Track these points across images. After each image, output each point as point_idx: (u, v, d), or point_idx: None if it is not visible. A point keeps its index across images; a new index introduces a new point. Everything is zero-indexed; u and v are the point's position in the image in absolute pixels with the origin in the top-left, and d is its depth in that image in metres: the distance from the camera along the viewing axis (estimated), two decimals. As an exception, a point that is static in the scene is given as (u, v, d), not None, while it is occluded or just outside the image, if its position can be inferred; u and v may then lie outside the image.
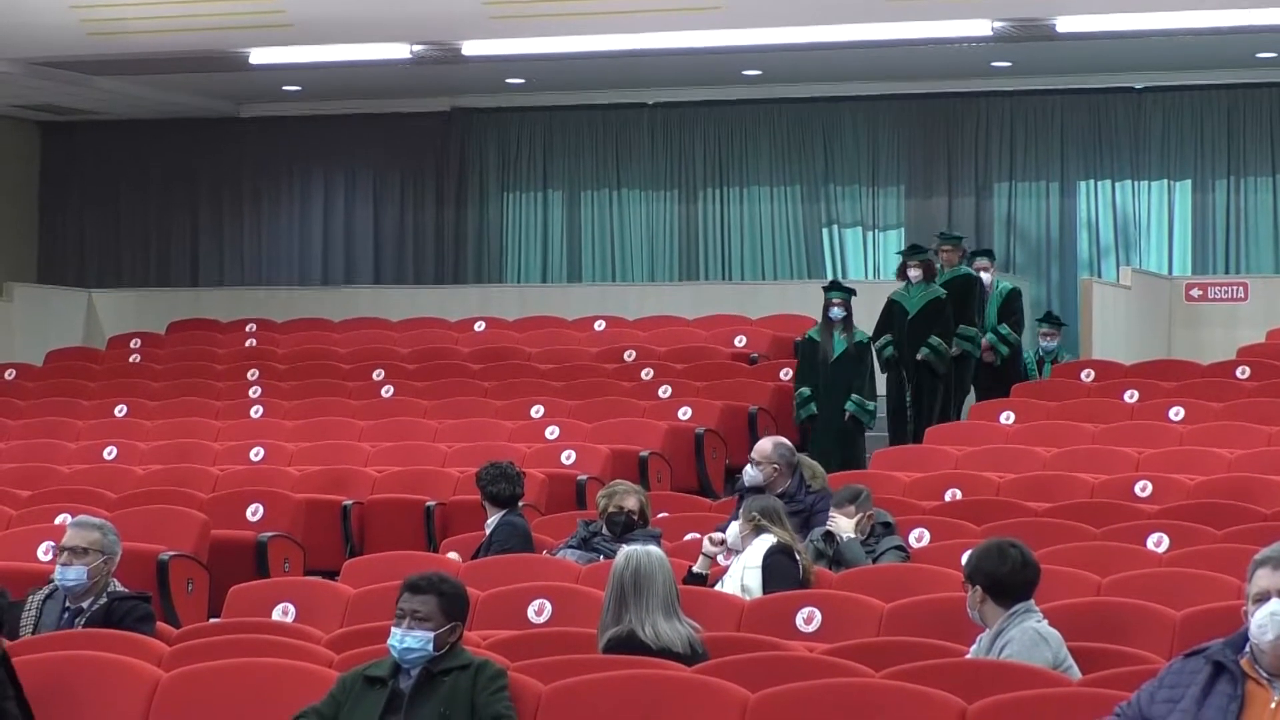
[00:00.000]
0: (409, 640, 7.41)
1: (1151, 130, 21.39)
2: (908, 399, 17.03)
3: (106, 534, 9.22)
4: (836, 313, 16.57)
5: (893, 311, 17.21)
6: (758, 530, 10.52)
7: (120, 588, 9.25)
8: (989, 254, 18.96)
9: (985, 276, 18.40)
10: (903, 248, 18.76)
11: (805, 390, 16.52)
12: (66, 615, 8.79)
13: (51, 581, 9.15)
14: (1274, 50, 19.75)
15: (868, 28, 18.94)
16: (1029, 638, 7.83)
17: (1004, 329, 18.27)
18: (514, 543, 12.03)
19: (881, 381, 17.08)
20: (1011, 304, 18.49)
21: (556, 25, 19.32)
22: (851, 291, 16.75)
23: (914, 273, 17.18)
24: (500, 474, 12.43)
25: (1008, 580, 7.96)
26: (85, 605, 9.05)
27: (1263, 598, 5.72)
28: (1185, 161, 21.33)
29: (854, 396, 16.31)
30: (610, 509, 11.82)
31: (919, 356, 16.93)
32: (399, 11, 19.28)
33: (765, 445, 12.35)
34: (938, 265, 17.54)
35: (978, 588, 7.94)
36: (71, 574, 9.05)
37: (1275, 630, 5.66)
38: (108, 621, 8.85)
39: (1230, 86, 21.03)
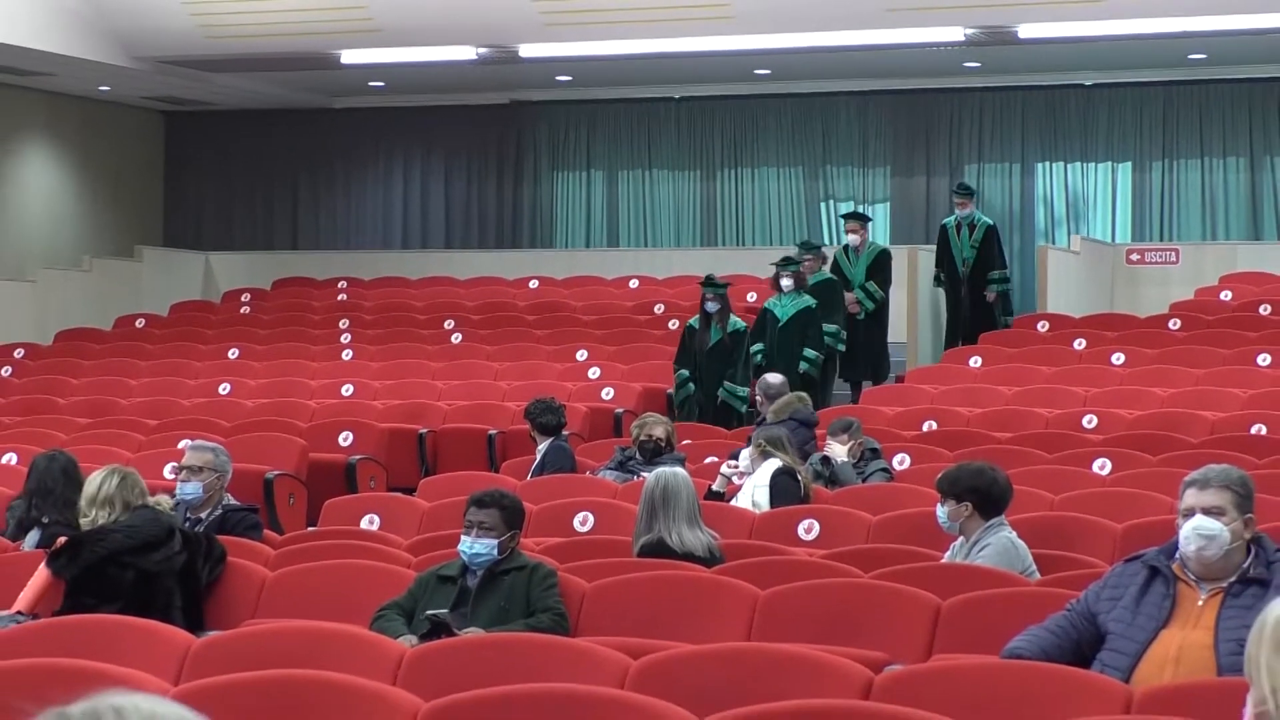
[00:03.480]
0: (477, 547, 7.45)
1: (1098, 120, 21.29)
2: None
3: (218, 455, 9.23)
4: (711, 306, 15.35)
5: (765, 320, 15.95)
6: (764, 455, 10.56)
7: (233, 501, 9.28)
8: (860, 217, 18.14)
9: (854, 239, 17.65)
10: (782, 256, 16.69)
11: (684, 373, 15.30)
12: (188, 525, 8.82)
13: (175, 497, 9.18)
14: (1203, 53, 19.65)
15: (860, 34, 18.89)
16: (1004, 545, 7.84)
17: (871, 285, 17.45)
18: (565, 464, 12.16)
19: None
20: (881, 264, 17.64)
21: (599, 31, 19.31)
22: (725, 286, 15.64)
23: (786, 282, 15.83)
24: (547, 407, 12.51)
25: (997, 498, 7.98)
26: (204, 516, 9.07)
27: (1189, 513, 5.73)
28: (1127, 146, 21.23)
29: (726, 384, 15.14)
30: (642, 437, 11.88)
31: (800, 370, 15.49)
32: (467, 19, 19.28)
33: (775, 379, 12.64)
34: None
35: (967, 503, 7.92)
36: (189, 489, 9.09)
37: (1197, 542, 5.67)
38: (222, 529, 8.87)
39: (1165, 83, 20.92)
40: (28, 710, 2.04)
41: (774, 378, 13.30)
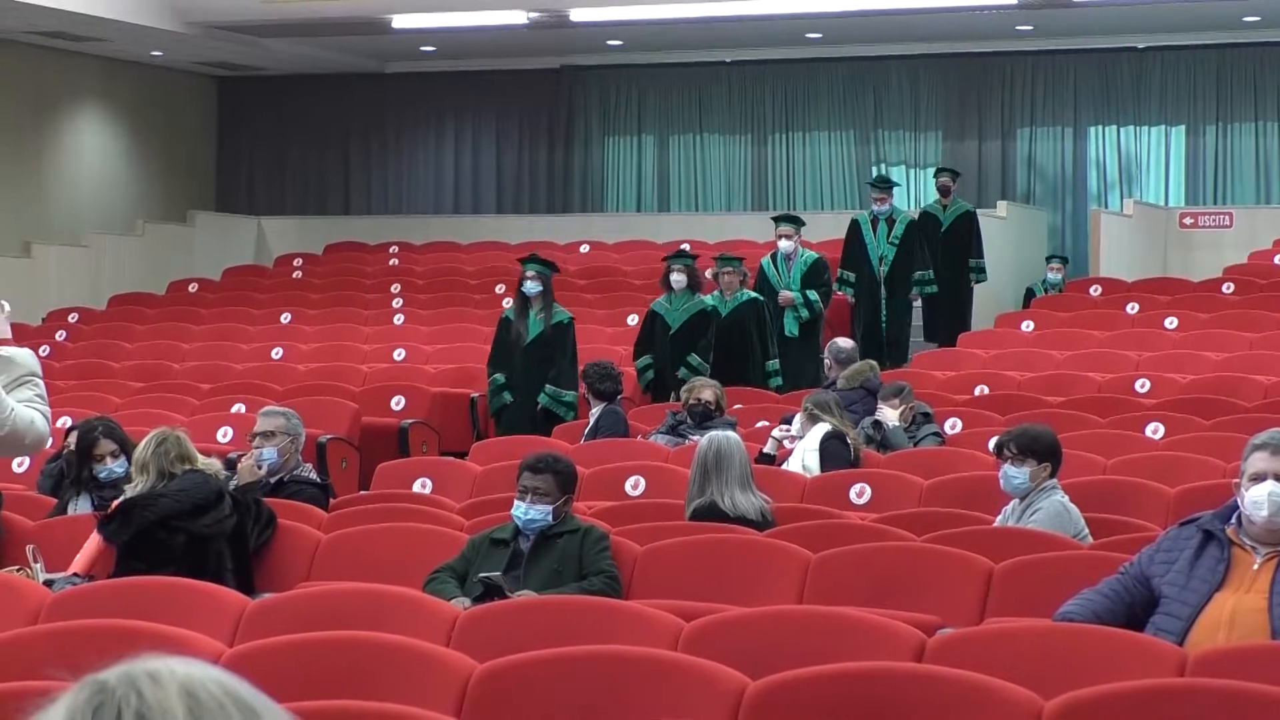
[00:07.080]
0: (532, 513, 7.45)
1: (1151, 83, 21.18)
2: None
3: (289, 419, 9.23)
4: (531, 287, 13.31)
5: (654, 325, 13.88)
6: (813, 419, 10.55)
7: (305, 473, 9.23)
8: (792, 220, 15.66)
9: (787, 244, 15.27)
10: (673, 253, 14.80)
11: (499, 378, 13.28)
12: (263, 487, 8.86)
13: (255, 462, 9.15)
14: (1258, 15, 19.55)
15: (912, -3, 18.89)
16: (1056, 509, 7.81)
17: (812, 294, 15.07)
18: (619, 428, 12.19)
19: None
20: (818, 273, 15.23)
21: (649, -5, 19.32)
22: (551, 266, 13.75)
23: (677, 278, 13.77)
24: (605, 373, 12.51)
25: (1060, 458, 7.99)
26: (272, 482, 9.06)
27: (1260, 478, 5.65)
28: (1180, 109, 21.12)
29: (548, 387, 13.17)
30: (690, 400, 11.88)
31: (679, 374, 13.37)
32: (518, -17, 19.37)
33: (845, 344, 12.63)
34: (719, 289, 14.21)
35: (1048, 463, 7.89)
36: (266, 454, 9.09)
37: (1271, 508, 5.60)
38: (276, 496, 8.85)
39: (1219, 46, 20.80)
40: (64, 677, 2.04)
41: (844, 342, 13.13)
